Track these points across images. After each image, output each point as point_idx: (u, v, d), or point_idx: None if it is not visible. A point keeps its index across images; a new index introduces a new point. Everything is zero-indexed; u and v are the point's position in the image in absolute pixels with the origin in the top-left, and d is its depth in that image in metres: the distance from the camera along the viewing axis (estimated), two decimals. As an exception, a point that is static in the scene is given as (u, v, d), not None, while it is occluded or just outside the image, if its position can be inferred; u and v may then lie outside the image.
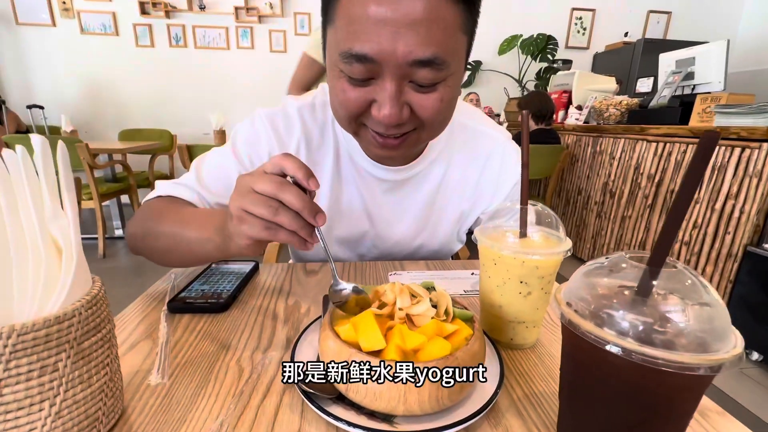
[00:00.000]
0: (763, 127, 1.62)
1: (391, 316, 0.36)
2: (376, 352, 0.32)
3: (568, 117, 3.10)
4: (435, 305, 0.37)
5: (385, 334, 0.34)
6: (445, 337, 0.34)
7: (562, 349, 0.29)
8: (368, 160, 0.65)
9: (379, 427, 0.30)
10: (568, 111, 3.11)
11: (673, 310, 0.24)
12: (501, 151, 0.70)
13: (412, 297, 0.37)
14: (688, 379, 0.22)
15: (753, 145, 1.66)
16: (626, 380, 0.24)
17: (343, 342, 0.33)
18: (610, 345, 0.23)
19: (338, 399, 0.33)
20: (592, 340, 0.24)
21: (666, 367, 0.21)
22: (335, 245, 0.73)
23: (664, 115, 2.27)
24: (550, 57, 3.92)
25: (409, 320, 0.35)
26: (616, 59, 3.88)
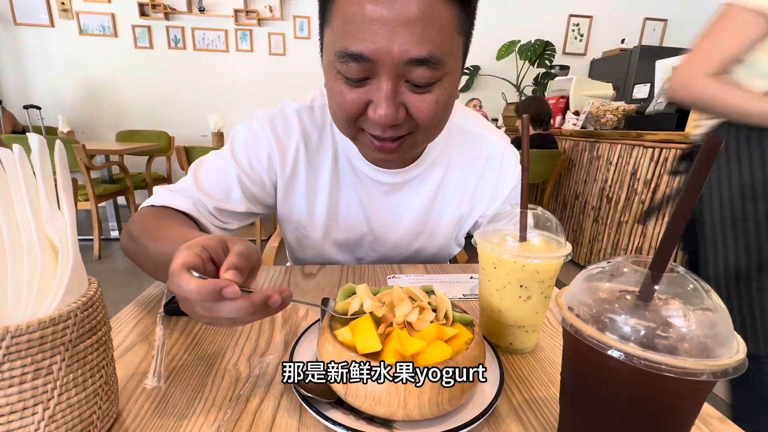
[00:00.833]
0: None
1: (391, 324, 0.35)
2: (374, 355, 0.32)
3: (565, 122, 3.11)
4: (434, 309, 0.36)
5: (384, 339, 0.33)
6: (445, 341, 0.33)
7: (563, 354, 0.29)
8: (366, 163, 0.65)
9: (379, 433, 0.30)
10: (566, 116, 3.13)
11: (675, 315, 0.23)
12: (500, 154, 0.70)
13: (412, 301, 0.37)
14: (691, 384, 0.22)
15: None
16: (628, 385, 0.24)
17: (342, 345, 0.32)
18: (612, 350, 0.23)
19: (337, 403, 0.33)
20: (594, 344, 0.24)
21: (668, 373, 0.21)
22: (333, 248, 0.72)
23: (660, 121, 2.29)
24: (547, 63, 3.95)
25: (409, 325, 0.35)
26: (613, 65, 3.92)
